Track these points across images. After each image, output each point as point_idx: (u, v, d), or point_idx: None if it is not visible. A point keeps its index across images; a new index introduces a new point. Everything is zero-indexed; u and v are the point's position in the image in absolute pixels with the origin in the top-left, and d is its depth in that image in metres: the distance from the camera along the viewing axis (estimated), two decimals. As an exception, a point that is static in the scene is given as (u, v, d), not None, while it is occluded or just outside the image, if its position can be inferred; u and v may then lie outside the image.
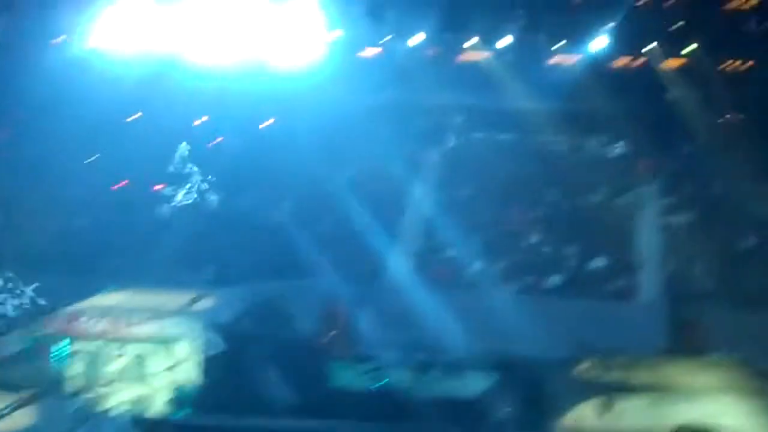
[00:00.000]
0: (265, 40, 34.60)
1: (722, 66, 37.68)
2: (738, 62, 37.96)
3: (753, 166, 35.20)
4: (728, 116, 37.06)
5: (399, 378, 24.98)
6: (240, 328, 25.94)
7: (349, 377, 25.00)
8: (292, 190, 34.83)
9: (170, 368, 24.19)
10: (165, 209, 34.67)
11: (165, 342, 24.34)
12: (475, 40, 37.75)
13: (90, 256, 31.27)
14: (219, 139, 37.76)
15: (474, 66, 38.70)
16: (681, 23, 37.06)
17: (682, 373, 23.31)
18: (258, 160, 35.53)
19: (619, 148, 37.91)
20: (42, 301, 27.29)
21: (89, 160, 36.05)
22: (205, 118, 37.80)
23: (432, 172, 36.96)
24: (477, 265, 32.37)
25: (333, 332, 28.46)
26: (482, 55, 38.33)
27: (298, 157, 34.66)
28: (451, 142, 38.87)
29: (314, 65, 34.86)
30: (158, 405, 23.72)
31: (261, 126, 37.52)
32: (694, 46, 36.81)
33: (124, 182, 35.68)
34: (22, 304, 27.30)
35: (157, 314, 24.91)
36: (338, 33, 35.94)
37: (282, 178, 34.69)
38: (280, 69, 34.99)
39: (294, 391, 23.78)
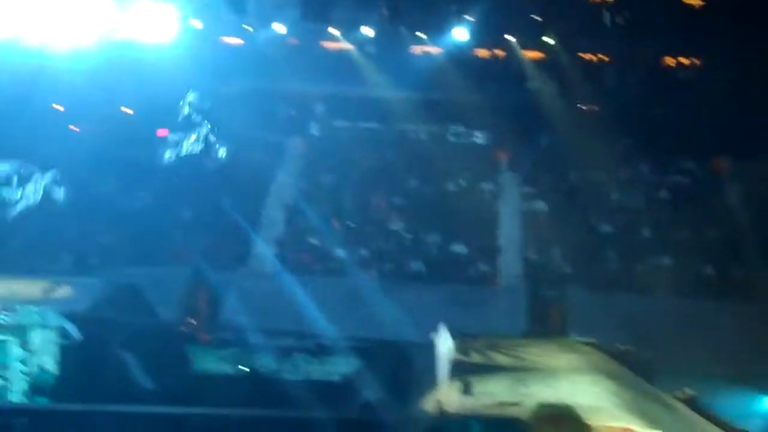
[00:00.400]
0: (125, 25, 33.84)
1: (579, 58, 38.38)
2: (594, 54, 38.74)
3: (608, 156, 36.06)
4: (585, 107, 37.69)
5: (263, 363, 24.82)
6: (98, 316, 25.34)
7: (211, 362, 24.70)
8: (151, 177, 34.28)
9: (26, 357, 23.47)
10: (21, 196, 33.67)
11: (20, 331, 23.58)
12: (337, 29, 37.67)
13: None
14: (73, 127, 36.85)
15: (337, 55, 38.70)
16: (539, 16, 37.65)
17: (541, 354, 23.58)
18: (116, 147, 34.78)
19: (479, 138, 38.28)
20: None
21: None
22: (58, 106, 36.85)
23: (295, 160, 36.81)
24: (340, 252, 32.45)
25: (195, 318, 28.20)
26: (345, 45, 38.32)
27: (156, 144, 34.18)
28: (314, 130, 38.72)
29: (175, 52, 34.21)
30: (14, 394, 22.99)
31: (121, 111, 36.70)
32: (552, 38, 37.39)
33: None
34: None
35: (11, 303, 24.13)
36: (200, 20, 35.40)
37: (141, 165, 34.07)
38: (139, 56, 34.25)
39: (155, 378, 23.31)
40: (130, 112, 37.17)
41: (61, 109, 36.87)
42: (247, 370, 24.82)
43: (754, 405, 24.56)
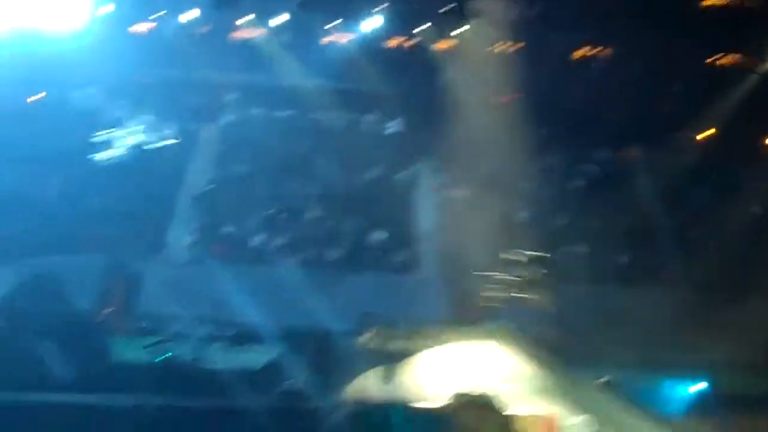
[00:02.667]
0: (32, 11, 33.32)
1: (491, 48, 38.57)
2: (508, 43, 38.97)
3: (522, 145, 36.34)
4: (498, 96, 37.88)
5: (181, 352, 24.70)
6: (12, 305, 25.06)
7: (129, 352, 24.52)
8: (63, 165, 33.75)
9: (-61, 348, 23.06)
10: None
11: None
12: (248, 17, 37.44)
13: None
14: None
15: (248, 43, 38.46)
16: (452, 4, 37.71)
17: (461, 341, 23.78)
18: (26, 134, 34.15)
19: (394, 126, 38.32)
20: None
21: None
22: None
23: (208, 149, 36.51)
24: (257, 240, 32.28)
25: (112, 307, 27.91)
26: (256, 32, 38.09)
27: (69, 131, 33.63)
28: (228, 119, 38.41)
29: (84, 40, 33.78)
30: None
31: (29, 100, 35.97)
32: (466, 26, 37.52)
33: None
34: None
35: None
36: (108, 7, 34.87)
37: (53, 152, 33.51)
38: (47, 42, 33.74)
39: (72, 368, 23.05)
40: (39, 97, 36.54)
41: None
42: (166, 359, 24.72)
43: (667, 391, 25.03)
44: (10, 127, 34.22)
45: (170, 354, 24.60)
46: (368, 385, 21.64)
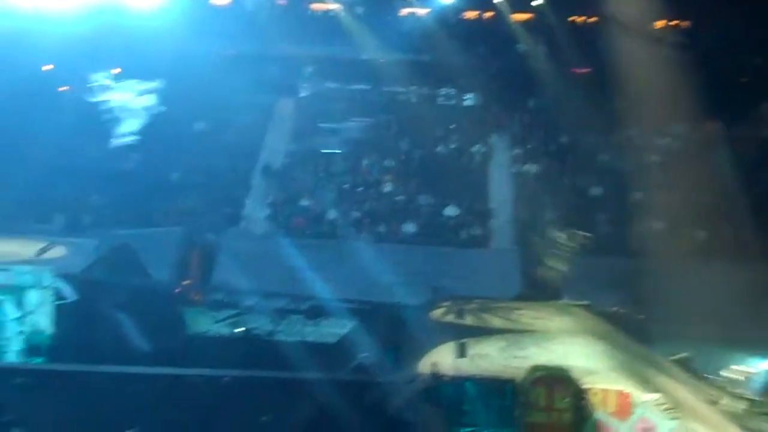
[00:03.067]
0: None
1: (569, 19, 38.28)
2: (584, 16, 38.64)
3: (598, 118, 36.03)
4: (574, 69, 37.63)
5: (257, 324, 24.89)
6: (92, 276, 25.40)
7: (205, 324, 24.79)
8: (143, 139, 34.16)
9: (22, 317, 23.47)
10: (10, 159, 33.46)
11: (16, 291, 23.58)
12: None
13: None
14: (65, 88, 36.65)
15: (325, 16, 38.56)
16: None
17: (535, 316, 23.71)
18: (108, 108, 34.65)
19: (469, 100, 38.25)
20: None
21: None
22: (50, 66, 36.59)
23: (285, 123, 36.76)
24: (332, 214, 32.49)
25: (189, 279, 28.24)
26: (333, 6, 38.18)
27: (148, 106, 34.03)
28: (304, 92, 38.60)
29: (164, 13, 34.11)
30: (10, 353, 23.04)
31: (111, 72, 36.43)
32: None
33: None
34: None
35: (7, 263, 24.12)
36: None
37: (132, 126, 33.96)
38: (128, 16, 34.14)
39: (149, 339, 23.38)
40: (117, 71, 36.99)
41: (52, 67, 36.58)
42: (242, 331, 24.93)
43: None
44: (89, 102, 34.84)
45: (245, 327, 24.83)
46: (442, 359, 21.65)
